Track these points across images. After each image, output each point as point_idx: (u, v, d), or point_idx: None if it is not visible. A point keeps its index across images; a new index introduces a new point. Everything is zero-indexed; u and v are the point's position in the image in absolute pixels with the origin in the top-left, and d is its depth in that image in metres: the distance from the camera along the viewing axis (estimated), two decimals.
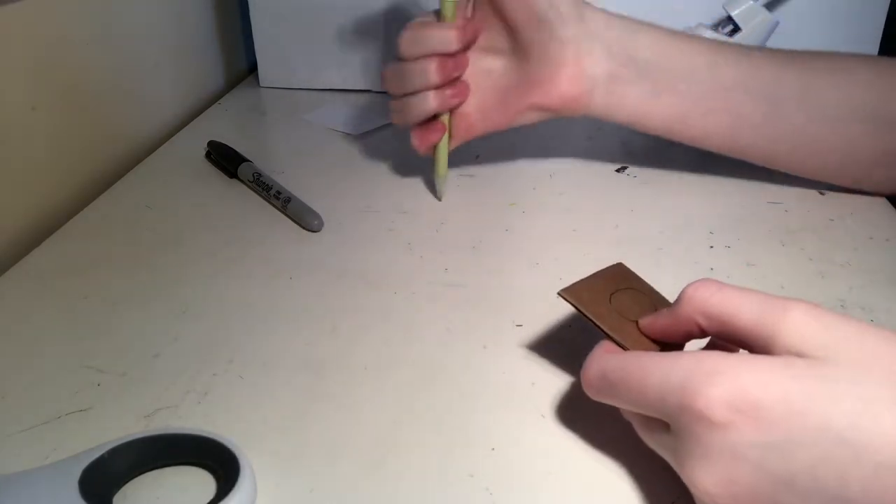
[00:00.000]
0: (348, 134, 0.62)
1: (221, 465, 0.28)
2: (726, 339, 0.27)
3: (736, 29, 0.57)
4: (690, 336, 0.29)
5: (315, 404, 0.33)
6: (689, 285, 0.28)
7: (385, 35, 0.69)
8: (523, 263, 0.44)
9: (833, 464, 0.22)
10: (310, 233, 0.47)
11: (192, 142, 0.60)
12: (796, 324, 0.24)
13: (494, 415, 0.32)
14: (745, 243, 0.45)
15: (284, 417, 0.32)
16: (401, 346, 0.37)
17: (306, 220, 0.47)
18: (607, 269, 0.34)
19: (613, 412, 0.29)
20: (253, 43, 0.72)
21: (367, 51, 0.70)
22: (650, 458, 0.28)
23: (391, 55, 0.68)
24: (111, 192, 0.52)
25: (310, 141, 0.61)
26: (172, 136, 0.62)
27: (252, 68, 0.76)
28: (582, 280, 0.32)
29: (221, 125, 0.65)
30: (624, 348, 0.29)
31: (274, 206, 0.50)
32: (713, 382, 0.24)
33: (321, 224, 0.47)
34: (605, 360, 0.28)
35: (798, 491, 0.23)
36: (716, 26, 0.58)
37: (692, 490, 0.25)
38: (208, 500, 0.27)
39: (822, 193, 0.51)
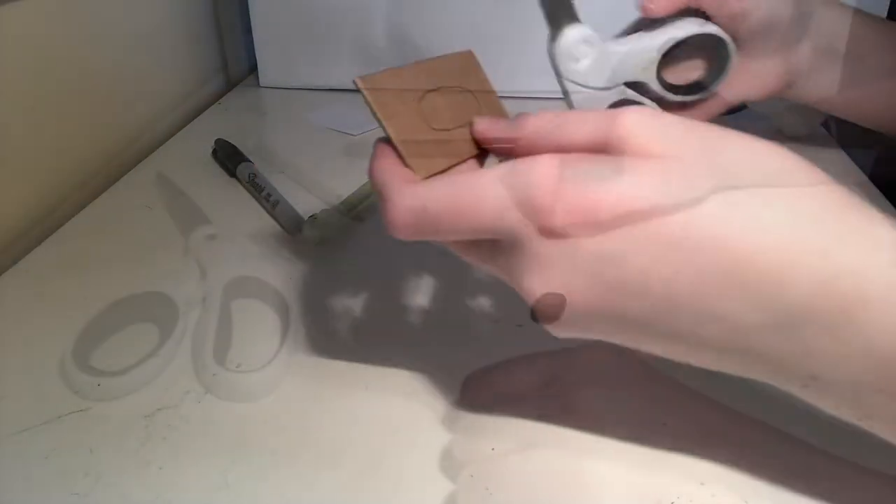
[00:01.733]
0: (349, 134, 0.62)
1: None
2: None
3: None
4: None
5: (315, 404, 0.33)
6: (521, 116, 0.26)
7: (386, 34, 0.69)
8: None
9: (663, 268, 0.22)
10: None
11: (193, 142, 0.60)
12: (630, 125, 0.23)
13: (494, 415, 0.32)
14: None
15: (285, 417, 0.32)
16: (401, 346, 0.37)
17: (288, 225, 0.47)
18: (444, 57, 0.28)
19: (615, 412, 0.29)
20: (253, 43, 0.72)
21: (367, 50, 0.70)
22: (650, 457, 0.28)
23: (392, 54, 0.68)
24: (111, 192, 0.52)
25: (310, 141, 0.61)
26: (173, 136, 0.62)
27: (252, 68, 0.76)
28: (401, 68, 0.26)
29: (221, 125, 0.65)
30: (405, 163, 0.26)
31: (264, 207, 0.50)
32: (551, 192, 0.23)
33: (303, 231, 0.46)
34: (419, 193, 0.25)
35: (629, 293, 0.23)
36: None
37: (527, 300, 0.25)
38: None
39: None
